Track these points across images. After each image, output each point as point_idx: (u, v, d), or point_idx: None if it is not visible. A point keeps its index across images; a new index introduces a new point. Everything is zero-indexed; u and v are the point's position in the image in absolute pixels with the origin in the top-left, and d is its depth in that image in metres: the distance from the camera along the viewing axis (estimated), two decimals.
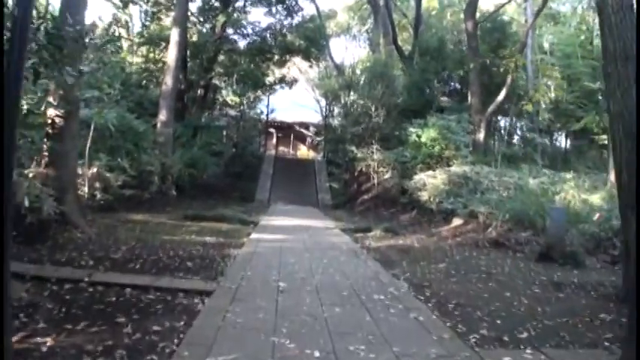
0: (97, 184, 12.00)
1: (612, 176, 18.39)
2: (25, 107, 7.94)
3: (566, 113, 28.75)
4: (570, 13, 36.46)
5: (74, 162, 10.04)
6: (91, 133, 11.60)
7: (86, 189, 11.48)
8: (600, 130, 27.58)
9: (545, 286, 7.14)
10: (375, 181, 22.49)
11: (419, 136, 18.73)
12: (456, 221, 14.08)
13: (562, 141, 33.89)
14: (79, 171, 11.46)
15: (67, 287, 5.30)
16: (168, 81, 18.47)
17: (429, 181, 16.24)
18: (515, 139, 29.27)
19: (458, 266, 8.32)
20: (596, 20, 34.50)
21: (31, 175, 7.80)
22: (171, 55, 18.67)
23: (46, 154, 8.96)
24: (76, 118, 9.86)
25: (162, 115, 18.15)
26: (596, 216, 11.13)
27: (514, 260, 9.40)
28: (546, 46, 32.64)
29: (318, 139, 35.95)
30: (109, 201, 12.15)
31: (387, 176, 21.86)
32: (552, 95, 31.77)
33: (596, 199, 14.06)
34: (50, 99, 8.71)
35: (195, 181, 19.58)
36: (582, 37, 32.07)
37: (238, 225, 12.81)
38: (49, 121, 9.02)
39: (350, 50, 49.33)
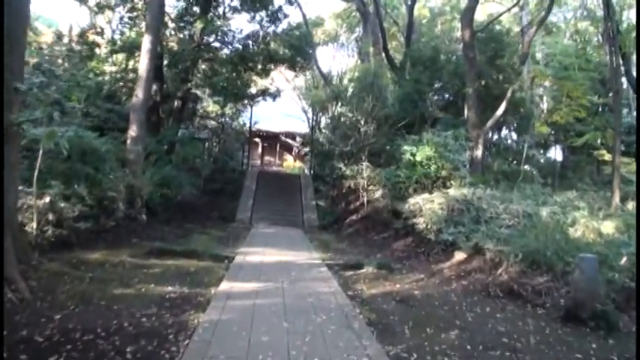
0: (50, 217, 10.30)
1: (617, 197, 17.25)
2: None
3: (564, 127, 27.59)
4: (564, 23, 35.52)
5: (13, 197, 8.35)
6: (39, 158, 9.85)
7: (35, 224, 9.78)
8: (601, 146, 26.44)
9: None
10: (365, 199, 20.98)
11: (413, 155, 17.17)
12: (458, 255, 12.50)
13: (555, 154, 32.76)
14: (28, 201, 9.85)
15: None
16: (140, 93, 16.76)
17: (426, 206, 14.68)
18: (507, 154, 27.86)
19: (473, 335, 6.72)
20: (591, 30, 33.87)
21: None
22: (142, 65, 16.98)
23: None
24: (15, 144, 8.21)
25: (133, 131, 16.43)
26: (623, 260, 9.59)
27: (536, 320, 7.80)
28: (539, 56, 31.51)
29: (305, 149, 34.35)
30: (62, 236, 10.43)
31: (377, 195, 20.36)
32: (544, 106, 30.76)
33: (610, 228, 12.62)
34: None
35: (169, 203, 17.88)
36: (579, 48, 31.22)
37: (210, 262, 11.12)
38: None
39: (338, 59, 47.94)
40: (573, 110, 24.63)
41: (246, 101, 25.65)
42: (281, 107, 37.34)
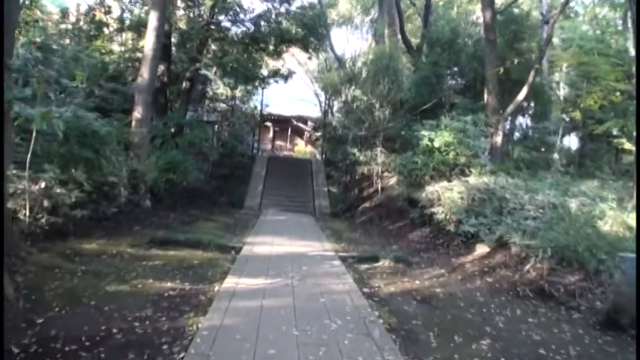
0: (45, 203, 9.57)
1: None
2: None
3: (585, 114, 26.60)
4: (583, 8, 34.47)
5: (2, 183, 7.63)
6: (33, 140, 9.10)
7: (27, 211, 9.06)
8: (622, 134, 25.48)
9: None
10: (379, 186, 20.22)
11: (431, 140, 16.30)
12: (480, 248, 11.72)
13: (570, 142, 31.76)
14: (21, 186, 9.13)
15: None
16: (145, 73, 16.01)
17: (445, 195, 13.87)
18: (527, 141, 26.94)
19: (507, 345, 5.94)
20: (610, 16, 32.83)
21: None
22: (148, 44, 16.19)
23: None
24: (7, 124, 7.49)
25: (138, 112, 15.71)
26: None
27: (573, 327, 7.02)
28: (556, 41, 30.48)
29: (317, 134, 33.51)
30: (58, 224, 9.70)
31: (392, 182, 19.60)
32: (561, 92, 29.79)
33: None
34: None
35: (175, 188, 17.16)
36: (598, 33, 30.35)
37: (216, 253, 10.39)
38: None
39: (352, 42, 46.76)
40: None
41: (257, 83, 24.72)
42: (293, 91, 36.58)
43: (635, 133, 17.45)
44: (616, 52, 26.35)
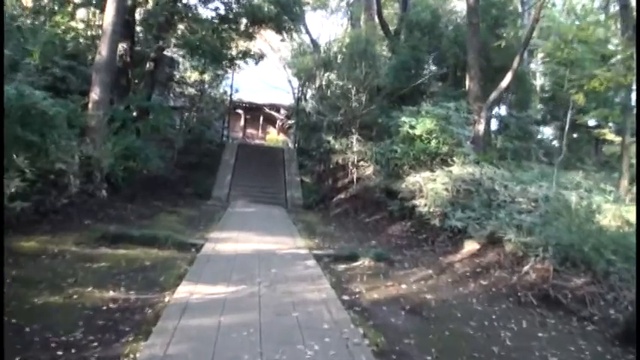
0: None
1: (627, 179, 15.65)
2: None
3: (565, 103, 25.80)
4: None
5: None
6: None
7: None
8: (605, 125, 24.83)
9: None
10: (355, 176, 19.09)
11: (412, 128, 15.15)
12: (469, 245, 10.65)
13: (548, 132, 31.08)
14: None
15: None
16: (104, 50, 14.53)
17: (428, 186, 12.76)
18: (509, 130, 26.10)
19: None
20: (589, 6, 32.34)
21: None
22: (107, 17, 14.72)
23: None
24: None
25: (95, 93, 14.24)
26: None
27: (590, 343, 5.98)
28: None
29: (290, 122, 32.26)
30: None
31: (368, 172, 18.47)
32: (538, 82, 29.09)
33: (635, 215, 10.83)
34: None
35: (135, 177, 15.76)
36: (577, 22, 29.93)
37: (174, 252, 9.12)
38: None
39: (327, 27, 45.50)
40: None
41: (226, 64, 23.18)
42: (265, 78, 35.40)
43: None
44: (598, 41, 25.76)
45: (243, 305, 5.99)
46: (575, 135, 28.33)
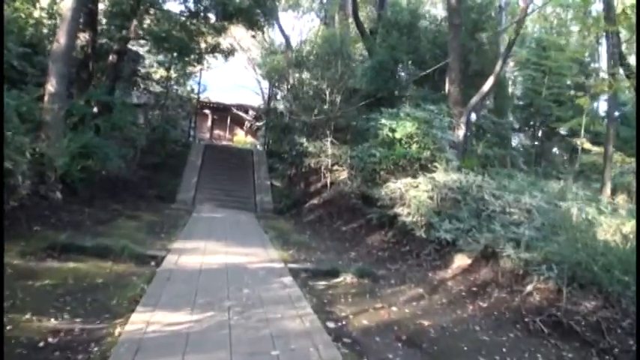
0: None
1: (609, 189, 15.04)
2: None
3: (541, 111, 25.33)
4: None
5: None
6: None
7: None
8: (585, 133, 24.39)
9: None
10: (328, 181, 18.14)
11: (392, 131, 14.20)
12: (460, 260, 9.71)
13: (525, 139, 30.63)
14: None
15: None
16: (62, 37, 13.25)
17: (410, 193, 11.81)
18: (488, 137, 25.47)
19: None
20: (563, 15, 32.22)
21: None
22: (67, 2, 13.51)
23: None
24: None
25: (51, 85, 12.95)
26: None
27: None
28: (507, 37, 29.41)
29: (258, 124, 31.20)
30: None
31: (342, 176, 17.54)
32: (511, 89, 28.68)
33: (629, 227, 10.03)
34: None
35: (93, 178, 14.51)
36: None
37: (131, 265, 7.96)
38: None
39: (298, 28, 44.48)
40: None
41: (193, 58, 21.87)
42: (234, 78, 34.36)
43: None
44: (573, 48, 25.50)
45: (210, 340, 4.85)
46: (547, 144, 27.94)
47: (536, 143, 26.73)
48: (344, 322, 6.15)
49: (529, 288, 7.61)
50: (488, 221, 10.13)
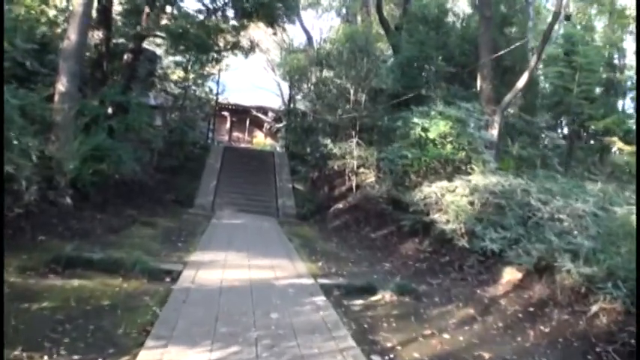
0: None
1: None
2: None
3: (572, 109, 24.24)
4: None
5: None
6: None
7: None
8: (621, 132, 23.22)
9: None
10: (354, 184, 17.23)
11: (425, 130, 13.21)
12: (509, 273, 8.71)
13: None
14: None
15: None
16: (72, 34, 12.43)
17: (447, 198, 10.83)
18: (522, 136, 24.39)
19: None
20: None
21: None
22: None
23: None
24: None
25: (62, 84, 12.12)
26: None
27: None
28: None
29: (278, 126, 30.41)
30: None
31: (370, 179, 16.60)
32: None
33: None
34: None
35: (107, 182, 13.71)
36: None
37: (143, 282, 7.07)
38: None
39: (318, 27, 43.64)
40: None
41: (213, 57, 21.00)
42: (252, 79, 33.79)
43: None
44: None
45: None
46: (579, 144, 26.80)
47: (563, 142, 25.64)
48: (392, 356, 5.19)
49: (594, 309, 6.60)
50: (536, 229, 9.14)
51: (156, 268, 7.64)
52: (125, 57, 17.95)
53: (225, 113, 36.80)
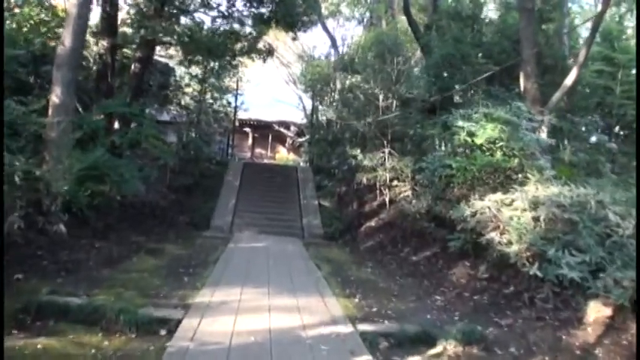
0: None
1: None
2: None
3: (615, 111, 22.39)
4: None
5: None
6: None
7: None
8: None
9: None
10: (387, 199, 15.50)
11: (471, 135, 11.39)
12: (595, 309, 6.83)
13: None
14: None
15: None
16: (67, 39, 10.89)
17: (505, 213, 9.00)
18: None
19: None
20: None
21: None
22: None
23: None
24: None
25: (56, 96, 10.60)
26: None
27: None
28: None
29: (300, 140, 28.97)
30: None
31: (404, 193, 14.84)
32: None
33: None
34: None
35: (110, 204, 12.17)
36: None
37: (128, 339, 5.39)
38: None
39: (339, 35, 42.45)
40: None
41: (229, 61, 19.47)
42: (273, 94, 32.80)
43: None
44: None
45: None
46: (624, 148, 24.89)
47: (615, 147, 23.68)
48: None
49: None
50: (619, 251, 7.33)
51: (147, 316, 5.89)
52: (132, 67, 16.54)
53: (247, 129, 35.84)
